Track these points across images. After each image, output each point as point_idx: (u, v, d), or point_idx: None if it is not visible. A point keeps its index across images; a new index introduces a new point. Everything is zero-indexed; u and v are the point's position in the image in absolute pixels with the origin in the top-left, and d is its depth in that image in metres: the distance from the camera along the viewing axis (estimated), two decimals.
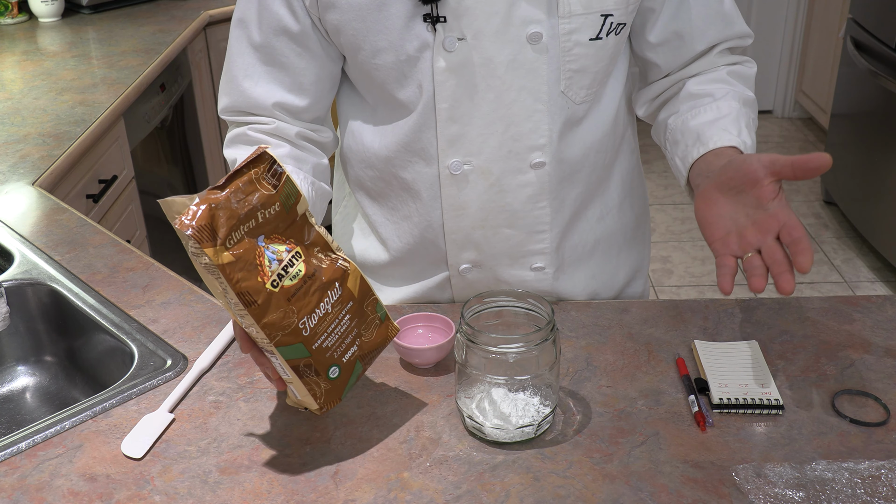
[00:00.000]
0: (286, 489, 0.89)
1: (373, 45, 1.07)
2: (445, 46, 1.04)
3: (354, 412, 1.00)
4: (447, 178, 1.13)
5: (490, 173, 1.12)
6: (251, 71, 1.14)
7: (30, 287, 1.29)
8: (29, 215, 1.51)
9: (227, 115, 1.20)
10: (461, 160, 1.11)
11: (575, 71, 1.09)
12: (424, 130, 1.11)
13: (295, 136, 1.16)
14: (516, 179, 1.13)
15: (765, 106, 4.61)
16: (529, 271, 1.21)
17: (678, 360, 1.06)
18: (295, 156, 1.15)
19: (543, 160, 1.12)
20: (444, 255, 1.20)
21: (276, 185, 0.87)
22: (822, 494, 0.86)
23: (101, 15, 2.92)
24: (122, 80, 2.27)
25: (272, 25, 1.10)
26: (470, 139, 1.10)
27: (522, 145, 1.11)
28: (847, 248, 3.37)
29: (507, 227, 1.17)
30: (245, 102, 1.15)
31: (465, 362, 0.93)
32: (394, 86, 1.10)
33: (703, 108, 1.12)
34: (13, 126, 1.97)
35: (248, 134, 1.16)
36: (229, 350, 1.12)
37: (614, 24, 1.08)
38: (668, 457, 0.92)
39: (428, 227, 1.18)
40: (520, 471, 0.91)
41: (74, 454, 0.95)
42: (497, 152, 1.11)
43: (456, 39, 1.04)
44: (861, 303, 1.18)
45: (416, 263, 1.24)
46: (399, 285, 1.27)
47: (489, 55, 1.05)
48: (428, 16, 1.03)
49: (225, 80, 1.17)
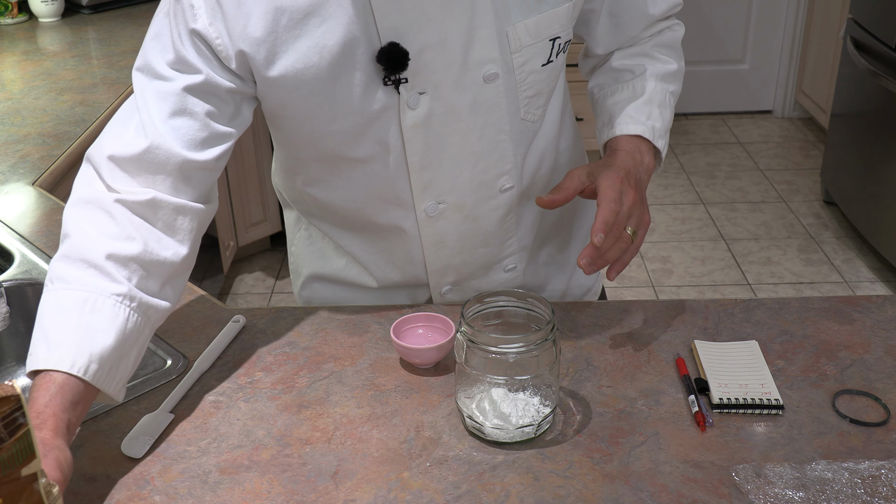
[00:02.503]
0: (286, 489, 0.89)
1: (329, 114, 1.04)
2: (409, 104, 1.03)
3: (354, 412, 1.00)
4: (424, 220, 1.14)
5: (464, 206, 1.14)
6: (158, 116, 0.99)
7: (30, 287, 1.29)
8: (29, 215, 1.51)
9: (107, 163, 1.00)
10: (436, 201, 1.12)
11: (531, 97, 1.11)
12: (397, 181, 1.10)
13: (173, 211, 1.00)
14: (488, 205, 1.15)
15: (765, 106, 4.61)
16: (503, 273, 1.24)
17: (678, 360, 1.06)
18: (147, 261, 0.98)
19: (511, 184, 1.14)
20: (426, 282, 1.23)
21: (5, 440, 0.73)
22: (822, 494, 0.86)
23: (101, 15, 2.92)
24: (122, 80, 2.27)
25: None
26: (441, 181, 1.11)
27: (491, 175, 1.13)
28: (847, 248, 3.37)
29: (483, 246, 1.19)
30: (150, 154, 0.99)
31: (465, 362, 0.93)
32: (351, 147, 1.08)
33: (621, 87, 1.18)
34: (13, 126, 1.97)
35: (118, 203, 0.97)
36: (229, 350, 1.12)
37: (562, 45, 1.10)
38: (668, 457, 0.92)
39: (409, 262, 1.20)
40: (520, 471, 0.91)
41: (74, 454, 0.95)
42: (468, 186, 1.12)
43: (418, 94, 1.03)
44: (861, 303, 1.18)
45: (399, 290, 1.26)
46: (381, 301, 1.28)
47: (451, 103, 1.05)
48: (390, 79, 1.01)
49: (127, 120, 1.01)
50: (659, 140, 1.14)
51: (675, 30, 1.23)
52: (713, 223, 3.59)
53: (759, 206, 3.70)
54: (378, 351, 1.10)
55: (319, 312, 1.19)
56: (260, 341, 1.13)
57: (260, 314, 1.18)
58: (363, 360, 1.09)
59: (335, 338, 1.13)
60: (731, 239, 3.47)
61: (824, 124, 3.96)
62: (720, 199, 3.77)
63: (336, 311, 1.19)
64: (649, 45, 1.20)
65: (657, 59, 1.19)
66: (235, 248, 3.20)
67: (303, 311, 1.19)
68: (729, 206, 3.71)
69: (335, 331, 1.15)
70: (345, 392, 1.03)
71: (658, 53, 1.20)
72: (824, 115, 3.99)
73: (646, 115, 1.13)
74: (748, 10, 4.39)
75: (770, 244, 3.42)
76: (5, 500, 0.75)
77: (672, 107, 1.19)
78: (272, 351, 1.11)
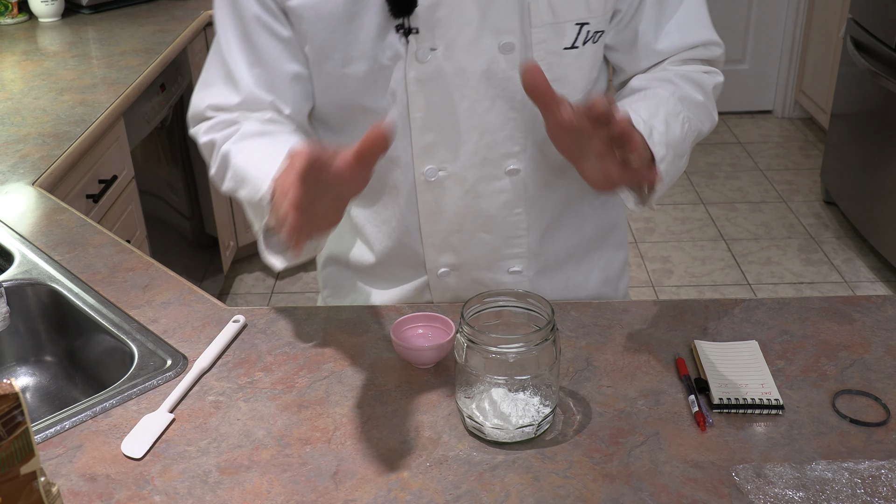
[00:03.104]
0: (286, 489, 0.89)
1: (343, 55, 1.06)
2: (418, 57, 1.04)
3: (354, 412, 1.00)
4: (423, 185, 1.13)
5: (465, 180, 1.13)
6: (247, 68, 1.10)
7: (30, 287, 1.29)
8: (29, 215, 1.51)
9: (212, 112, 1.14)
10: (436, 167, 1.12)
11: (551, 81, 1.08)
12: (399, 139, 1.10)
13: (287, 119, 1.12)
14: (491, 186, 1.13)
15: (765, 106, 4.61)
16: (507, 274, 1.21)
17: (678, 360, 1.06)
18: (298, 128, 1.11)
19: (518, 167, 1.12)
20: (422, 258, 1.21)
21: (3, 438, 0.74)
22: (822, 494, 0.86)
23: (101, 15, 2.92)
24: (122, 80, 2.27)
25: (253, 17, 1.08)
26: (445, 147, 1.10)
27: (497, 153, 1.11)
28: (847, 248, 3.37)
29: (484, 231, 1.17)
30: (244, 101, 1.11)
31: (465, 362, 0.93)
32: (365, 94, 1.09)
33: (634, 96, 1.11)
34: (13, 126, 1.97)
35: (244, 121, 1.10)
36: (229, 350, 1.12)
37: (591, 33, 1.07)
38: (668, 457, 0.92)
39: (406, 231, 1.19)
40: (520, 471, 0.91)
41: (74, 454, 0.95)
42: (472, 159, 1.11)
43: (429, 50, 1.03)
44: (861, 303, 1.18)
45: (397, 266, 1.24)
46: (383, 288, 1.28)
47: (462, 65, 1.05)
48: (400, 27, 1.03)
49: (215, 76, 1.14)
50: (658, 146, 1.00)
51: (710, 75, 1.15)
52: (713, 223, 3.59)
53: (759, 206, 3.70)
54: (378, 351, 1.10)
55: (319, 312, 1.19)
56: (260, 341, 1.13)
57: (260, 314, 1.18)
58: (363, 360, 1.09)
59: (335, 338, 1.13)
60: (731, 239, 3.47)
61: (824, 124, 3.96)
62: (720, 199, 3.77)
63: (336, 311, 1.19)
64: (672, 73, 1.13)
65: (678, 85, 1.11)
66: (235, 248, 3.20)
67: (303, 311, 1.19)
68: (729, 206, 3.71)
69: (335, 331, 1.15)
70: (345, 392, 1.03)
71: (681, 82, 1.12)
72: (824, 115, 3.99)
73: (649, 115, 1.03)
74: (748, 10, 4.39)
75: (770, 244, 3.42)
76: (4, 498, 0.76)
77: (683, 130, 1.06)
78: (272, 351, 1.11)
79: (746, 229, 3.53)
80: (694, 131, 1.10)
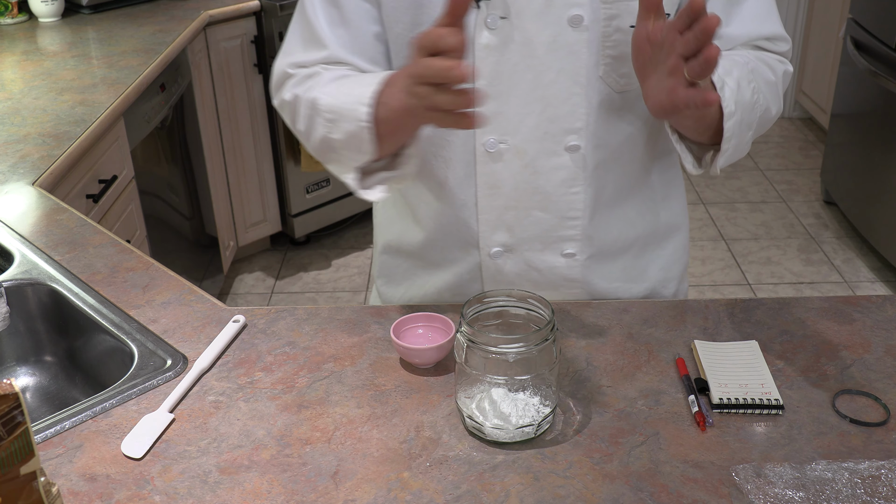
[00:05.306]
0: (286, 489, 0.89)
1: (413, 19, 1.08)
2: (487, 24, 1.05)
3: (354, 412, 1.00)
4: (482, 156, 1.13)
5: (525, 153, 1.12)
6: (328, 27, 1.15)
7: (30, 287, 1.29)
8: (29, 215, 1.51)
9: (292, 69, 1.18)
10: (497, 138, 1.12)
11: (614, 57, 1.08)
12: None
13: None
14: (550, 161, 1.13)
15: None
16: (560, 257, 1.19)
17: (678, 360, 1.06)
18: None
19: (579, 143, 1.12)
20: (476, 236, 1.19)
21: (3, 438, 0.74)
22: (822, 494, 0.86)
23: (101, 15, 2.92)
24: (122, 80, 2.27)
25: None
26: (507, 118, 1.11)
27: (558, 127, 1.11)
28: (847, 248, 3.37)
29: (540, 209, 1.16)
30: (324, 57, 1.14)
31: (465, 362, 0.93)
32: None
33: None
34: (13, 126, 1.97)
35: (326, 72, 1.14)
36: (229, 350, 1.12)
37: None
38: (668, 457, 0.92)
39: (462, 205, 1.18)
40: (520, 471, 0.91)
41: (74, 454, 0.95)
42: (533, 132, 1.11)
43: (498, 17, 1.05)
44: (861, 303, 1.18)
45: (449, 247, 1.23)
46: (433, 270, 1.26)
47: (530, 35, 1.06)
48: None
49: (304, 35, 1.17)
50: (728, 101, 1.02)
51: (783, 63, 1.16)
52: (713, 223, 3.59)
53: (759, 206, 3.71)
54: (378, 351, 1.10)
55: (319, 312, 1.19)
56: (260, 341, 1.13)
57: (260, 314, 1.18)
58: (363, 360, 1.09)
59: (335, 338, 1.13)
60: (731, 239, 3.47)
61: (824, 124, 3.96)
62: (720, 199, 3.77)
63: (336, 311, 1.19)
64: (744, 52, 1.13)
65: (751, 59, 1.11)
66: (235, 248, 3.20)
67: (303, 311, 1.19)
68: (729, 206, 3.71)
69: (335, 331, 1.15)
70: (345, 392, 1.03)
71: (753, 59, 1.12)
72: (824, 115, 3.99)
73: (724, 69, 1.03)
74: None
75: (770, 244, 3.42)
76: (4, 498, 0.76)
77: (753, 98, 1.07)
78: (272, 351, 1.11)
79: (746, 229, 3.53)
80: (762, 106, 1.11)
